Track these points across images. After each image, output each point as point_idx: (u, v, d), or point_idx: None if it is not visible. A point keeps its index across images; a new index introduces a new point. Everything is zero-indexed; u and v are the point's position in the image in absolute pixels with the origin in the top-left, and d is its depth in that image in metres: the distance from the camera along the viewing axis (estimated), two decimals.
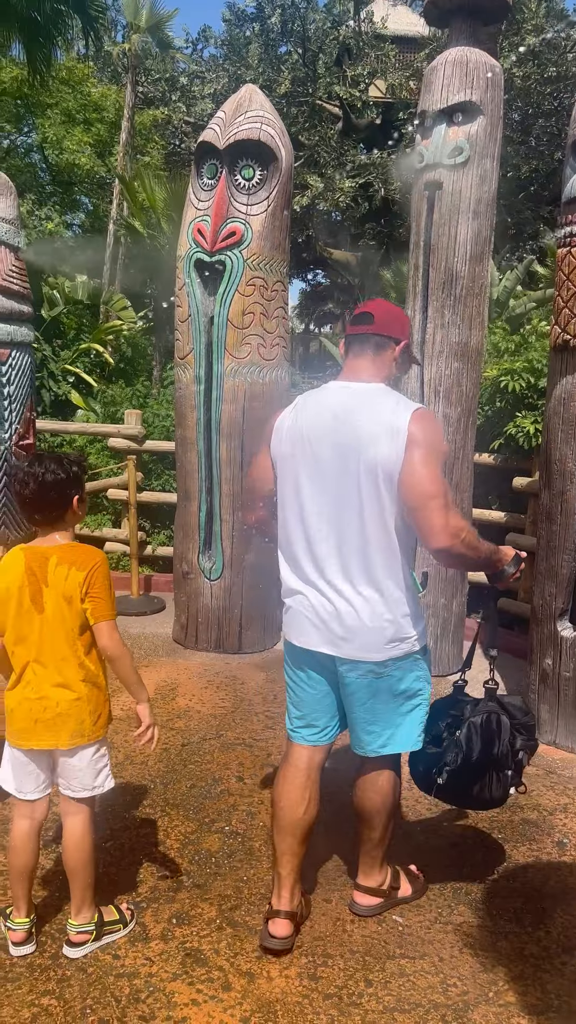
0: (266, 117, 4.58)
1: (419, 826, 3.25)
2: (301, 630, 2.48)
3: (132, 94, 14.78)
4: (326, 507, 2.36)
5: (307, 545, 2.41)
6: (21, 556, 2.36)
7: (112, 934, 2.53)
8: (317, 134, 15.39)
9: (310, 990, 2.36)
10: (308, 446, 2.38)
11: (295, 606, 2.48)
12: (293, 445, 2.41)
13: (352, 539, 2.35)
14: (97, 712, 2.43)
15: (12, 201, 4.52)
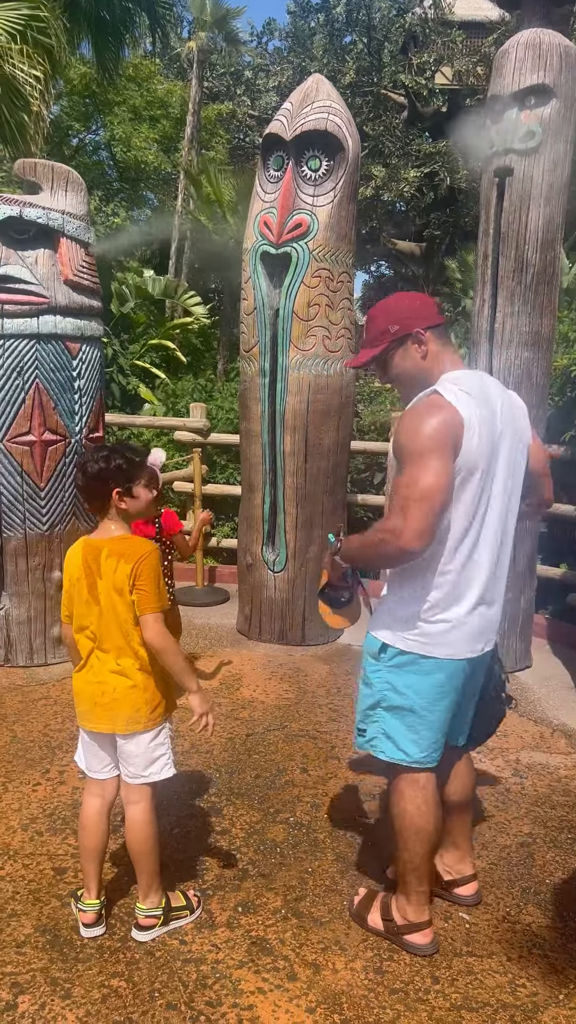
0: (333, 107, 4.55)
1: (486, 824, 3.21)
2: (475, 640, 2.32)
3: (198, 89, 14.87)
4: (502, 510, 2.29)
5: (492, 556, 2.28)
6: (79, 549, 2.43)
7: (179, 920, 2.55)
8: (382, 124, 15.25)
9: (376, 984, 2.35)
10: (499, 443, 2.23)
11: (471, 621, 2.28)
12: (491, 444, 2.20)
13: (509, 535, 2.35)
14: (154, 701, 2.44)
15: (82, 197, 4.60)
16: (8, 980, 2.31)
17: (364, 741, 2.46)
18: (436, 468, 2.08)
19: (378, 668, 2.38)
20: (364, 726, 2.45)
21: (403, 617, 2.32)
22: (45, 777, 3.43)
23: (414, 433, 2.13)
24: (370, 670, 2.41)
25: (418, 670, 2.33)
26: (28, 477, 4.38)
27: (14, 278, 4.24)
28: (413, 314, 2.27)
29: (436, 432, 2.10)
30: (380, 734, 2.41)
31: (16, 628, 4.55)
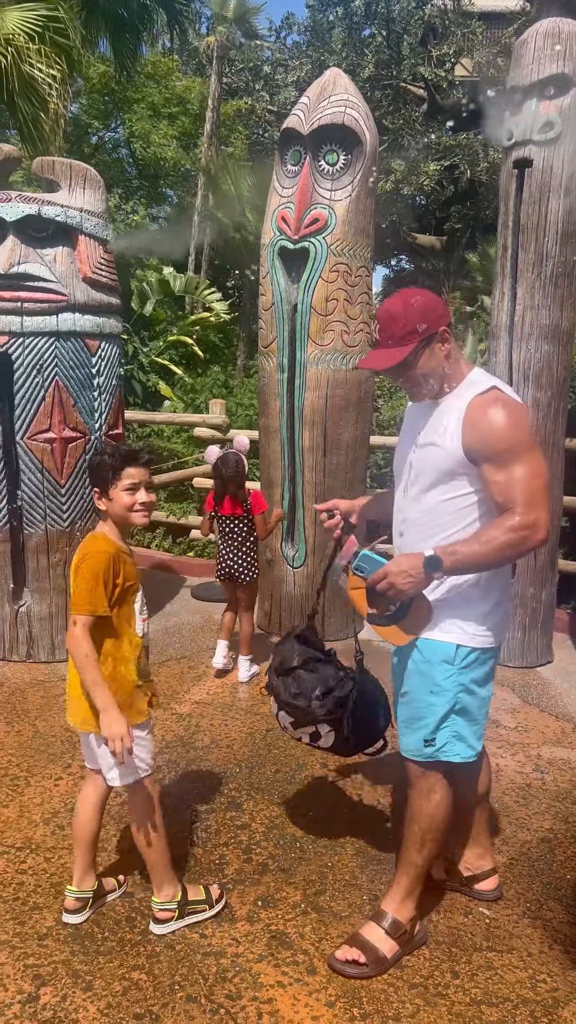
0: (350, 100, 4.53)
1: (506, 819, 3.19)
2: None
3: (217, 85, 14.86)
4: None
5: None
6: None
7: (196, 914, 2.55)
8: (401, 117, 15.17)
9: (395, 978, 2.35)
10: None
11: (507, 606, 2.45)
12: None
13: None
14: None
15: (100, 195, 4.61)
16: (30, 972, 2.34)
17: (434, 751, 2.37)
18: (543, 459, 2.22)
19: (451, 673, 2.33)
20: (434, 735, 2.36)
21: (473, 615, 2.31)
22: (67, 772, 3.46)
23: (518, 427, 2.19)
24: (442, 677, 2.33)
25: (483, 663, 2.36)
26: (49, 474, 4.41)
27: (33, 276, 4.26)
28: (438, 312, 2.25)
29: (530, 425, 2.23)
30: (452, 738, 2.37)
31: (37, 624, 4.59)
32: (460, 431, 2.22)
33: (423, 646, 2.34)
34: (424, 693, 2.36)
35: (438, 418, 2.31)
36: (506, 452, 2.16)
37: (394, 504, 2.49)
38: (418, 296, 2.27)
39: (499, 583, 2.35)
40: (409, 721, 2.41)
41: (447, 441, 2.25)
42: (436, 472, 2.28)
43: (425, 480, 2.31)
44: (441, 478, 2.28)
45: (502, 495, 2.16)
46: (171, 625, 5.35)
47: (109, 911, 2.60)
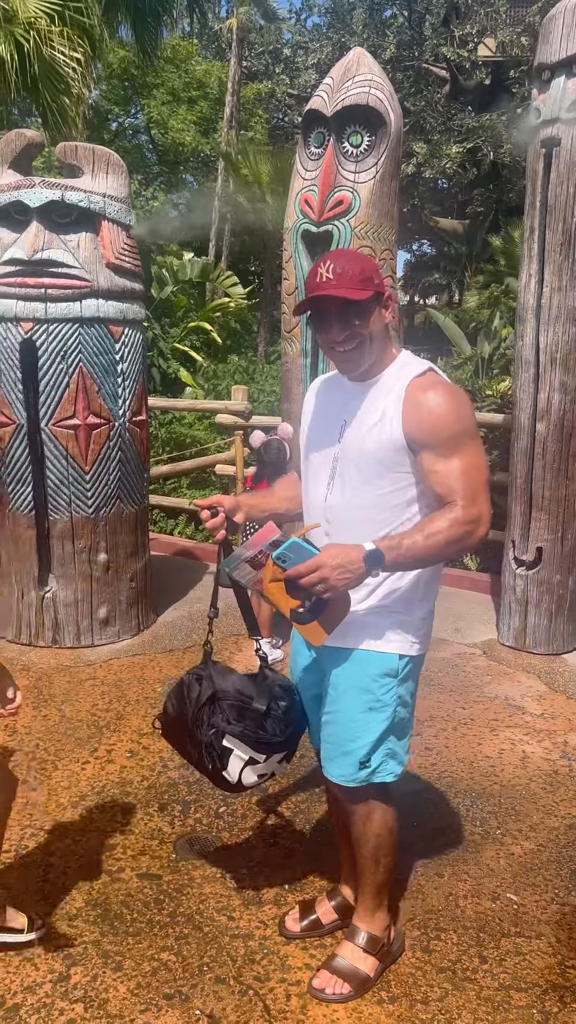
0: (375, 80, 4.47)
1: (534, 806, 3.18)
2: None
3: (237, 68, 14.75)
4: None
5: None
6: None
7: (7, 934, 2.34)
8: (423, 99, 15.01)
9: (423, 963, 2.35)
10: None
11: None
12: None
13: None
14: None
15: (123, 180, 4.60)
16: (61, 952, 2.36)
17: (369, 773, 2.15)
18: (483, 450, 2.04)
19: (391, 685, 2.13)
20: (369, 756, 2.15)
21: (412, 621, 2.12)
22: (93, 756, 3.49)
23: (462, 413, 1.99)
24: (383, 691, 2.12)
25: (416, 670, 2.19)
26: (73, 461, 4.43)
27: (57, 262, 4.26)
28: (382, 276, 2.06)
29: (472, 413, 2.03)
30: (386, 756, 2.17)
31: (63, 610, 4.62)
32: (400, 416, 1.99)
33: (361, 658, 2.10)
34: (361, 711, 2.12)
35: (370, 402, 2.06)
36: (449, 440, 1.95)
37: (306, 500, 2.23)
38: (365, 256, 2.08)
39: (435, 585, 2.19)
40: (340, 743, 2.16)
41: (386, 428, 2.00)
42: (376, 463, 2.03)
43: (362, 472, 2.05)
44: (380, 470, 2.03)
45: (443, 486, 1.95)
46: (194, 611, 5.37)
47: (137, 893, 2.62)
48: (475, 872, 2.77)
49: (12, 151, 4.52)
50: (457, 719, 3.88)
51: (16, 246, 4.26)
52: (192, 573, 6.16)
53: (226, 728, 2.18)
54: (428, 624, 2.19)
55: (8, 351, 4.32)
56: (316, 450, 2.18)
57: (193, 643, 4.80)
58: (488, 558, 6.22)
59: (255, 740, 2.17)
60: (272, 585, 1.94)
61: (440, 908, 2.58)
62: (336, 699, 2.16)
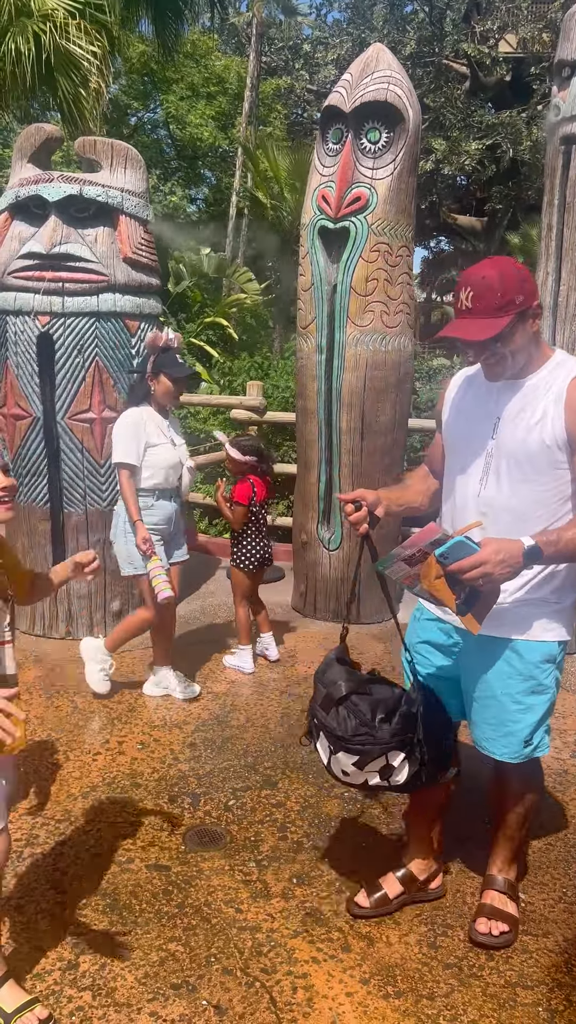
0: (394, 77, 4.47)
1: (543, 805, 3.16)
2: None
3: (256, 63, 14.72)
4: None
5: None
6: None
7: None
8: (443, 95, 14.92)
9: (430, 958, 2.36)
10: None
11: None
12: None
13: None
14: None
15: (141, 175, 4.61)
16: (70, 940, 2.38)
17: (532, 749, 2.33)
18: None
19: (551, 670, 2.29)
20: (532, 735, 2.31)
21: (564, 609, 2.26)
22: (105, 747, 3.51)
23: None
24: (545, 676, 2.27)
25: (565, 654, 2.36)
26: (88, 454, 4.45)
27: (75, 256, 4.28)
28: (532, 286, 2.09)
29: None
30: (544, 734, 2.36)
31: (77, 602, 4.65)
32: (563, 415, 2.07)
33: (523, 648, 2.23)
34: (524, 695, 2.26)
35: (528, 400, 2.14)
36: None
37: (454, 493, 2.31)
38: (514, 266, 2.09)
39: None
40: (503, 724, 2.30)
41: (548, 426, 2.09)
42: (537, 461, 2.11)
43: (522, 469, 2.14)
44: (542, 467, 2.12)
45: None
46: (207, 605, 5.39)
47: (146, 884, 2.64)
48: (483, 870, 2.76)
49: (32, 145, 4.54)
50: None
51: (34, 240, 4.28)
52: (206, 567, 6.18)
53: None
54: (574, 609, 2.32)
55: (25, 344, 4.35)
56: (466, 445, 2.26)
57: (206, 637, 4.82)
58: None
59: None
60: (438, 581, 2.02)
61: (447, 905, 2.59)
62: (497, 684, 2.28)
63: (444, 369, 8.25)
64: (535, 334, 2.13)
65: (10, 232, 4.41)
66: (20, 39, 7.41)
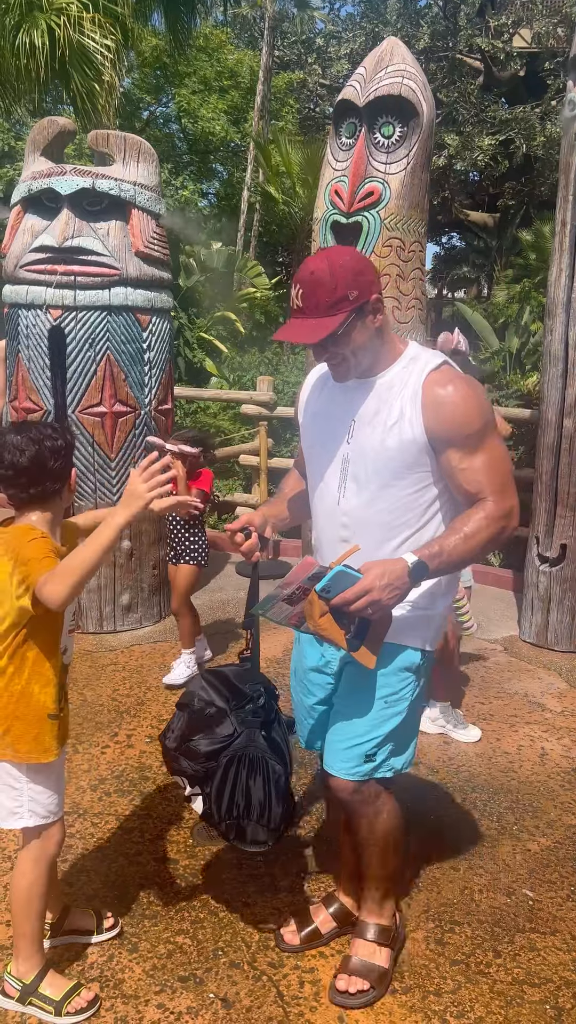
0: (408, 71, 4.44)
1: (551, 803, 3.17)
2: None
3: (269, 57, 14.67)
4: None
5: None
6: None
7: (39, 1010, 2.09)
8: (456, 90, 14.85)
9: (437, 954, 2.35)
10: None
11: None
12: None
13: None
14: (2, 726, 2.00)
15: (154, 168, 4.61)
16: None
17: (373, 767, 2.09)
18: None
19: (410, 680, 2.09)
20: (375, 750, 2.08)
21: (433, 617, 2.09)
22: (113, 740, 3.52)
23: (484, 407, 1.95)
24: (402, 685, 2.08)
25: (430, 665, 2.19)
26: (99, 448, 4.46)
27: (87, 250, 4.28)
28: (369, 278, 1.90)
29: (489, 404, 2.02)
30: (391, 753, 2.11)
31: (86, 596, 4.66)
32: (420, 415, 1.92)
33: (384, 652, 1.97)
34: (378, 706, 2.06)
35: (383, 400, 1.97)
36: (475, 436, 1.91)
37: (316, 504, 2.14)
38: (346, 256, 1.90)
39: (456, 579, 2.17)
40: (349, 737, 2.08)
41: (406, 427, 1.93)
42: (396, 464, 1.95)
43: (380, 475, 1.97)
44: (401, 471, 1.96)
45: (472, 483, 1.92)
46: (216, 600, 5.39)
47: (154, 876, 2.64)
48: (491, 867, 2.76)
49: (45, 138, 4.54)
50: (476, 714, 3.87)
51: (47, 233, 4.29)
52: (215, 563, 6.18)
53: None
54: (444, 618, 2.17)
55: (37, 338, 4.35)
56: (322, 451, 2.09)
57: (216, 631, 4.82)
58: (511, 554, 6.18)
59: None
60: (323, 619, 1.84)
61: (455, 901, 2.59)
62: (352, 693, 2.10)
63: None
64: (380, 329, 1.95)
65: (23, 225, 4.42)
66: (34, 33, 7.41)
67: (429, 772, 3.35)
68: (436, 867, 2.76)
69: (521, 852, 2.85)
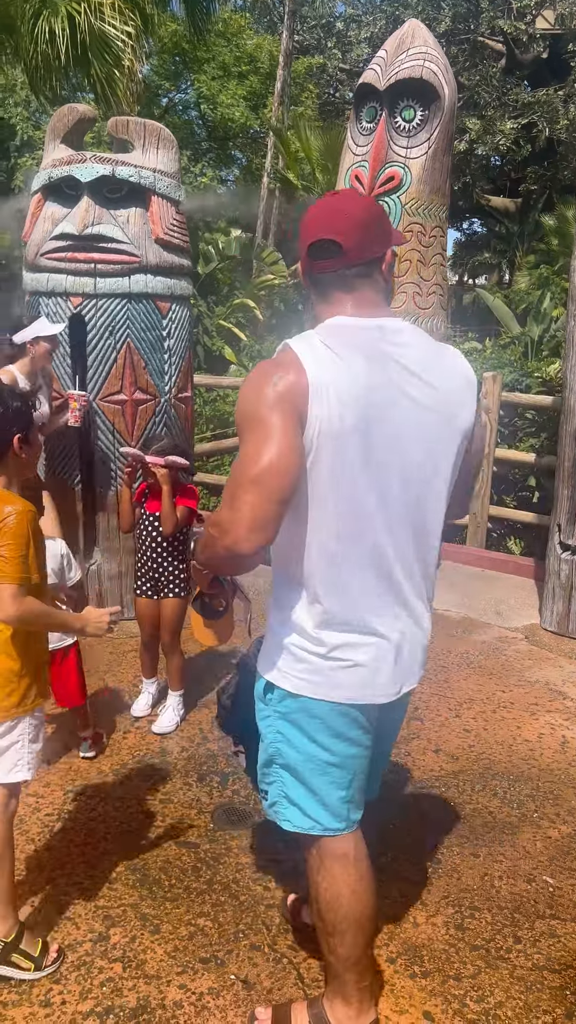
0: (429, 53, 4.40)
1: (573, 791, 3.16)
2: (371, 682, 1.76)
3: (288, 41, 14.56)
4: (405, 504, 1.71)
5: (384, 561, 1.71)
6: None
7: (14, 968, 2.15)
8: (478, 73, 14.69)
9: (456, 940, 2.36)
10: (376, 413, 1.64)
11: (366, 655, 1.74)
12: (355, 414, 1.62)
13: (424, 540, 1.77)
14: (7, 687, 2.08)
15: (173, 155, 4.59)
16: (101, 913, 2.42)
17: (267, 806, 1.94)
18: (272, 443, 1.57)
19: (267, 714, 1.85)
20: (264, 787, 1.94)
21: (287, 645, 1.78)
22: (134, 726, 3.55)
23: (247, 400, 1.64)
24: (259, 717, 1.88)
25: (311, 715, 1.78)
26: (120, 436, 4.47)
27: (107, 237, 4.28)
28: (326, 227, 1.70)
29: (275, 398, 1.59)
30: (281, 798, 1.89)
31: (107, 582, 4.69)
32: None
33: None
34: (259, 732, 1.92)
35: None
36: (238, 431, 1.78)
37: None
38: (328, 204, 1.77)
39: (322, 610, 1.72)
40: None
41: None
42: None
43: None
44: None
45: None
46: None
47: (176, 860, 2.67)
48: (511, 853, 2.77)
49: (65, 126, 4.54)
50: (497, 702, 3.86)
51: (67, 221, 4.29)
52: None
53: None
54: (311, 660, 1.74)
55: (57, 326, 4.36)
56: None
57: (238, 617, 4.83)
58: (532, 542, 6.15)
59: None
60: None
61: (475, 887, 2.59)
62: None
63: (475, 352, 8.16)
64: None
65: (43, 213, 4.42)
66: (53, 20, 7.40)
67: (449, 760, 3.35)
68: (456, 853, 2.76)
69: (542, 839, 2.85)
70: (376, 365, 1.65)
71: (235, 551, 1.58)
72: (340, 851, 1.87)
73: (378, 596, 1.73)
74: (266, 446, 1.56)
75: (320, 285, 1.76)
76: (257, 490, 1.55)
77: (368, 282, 1.73)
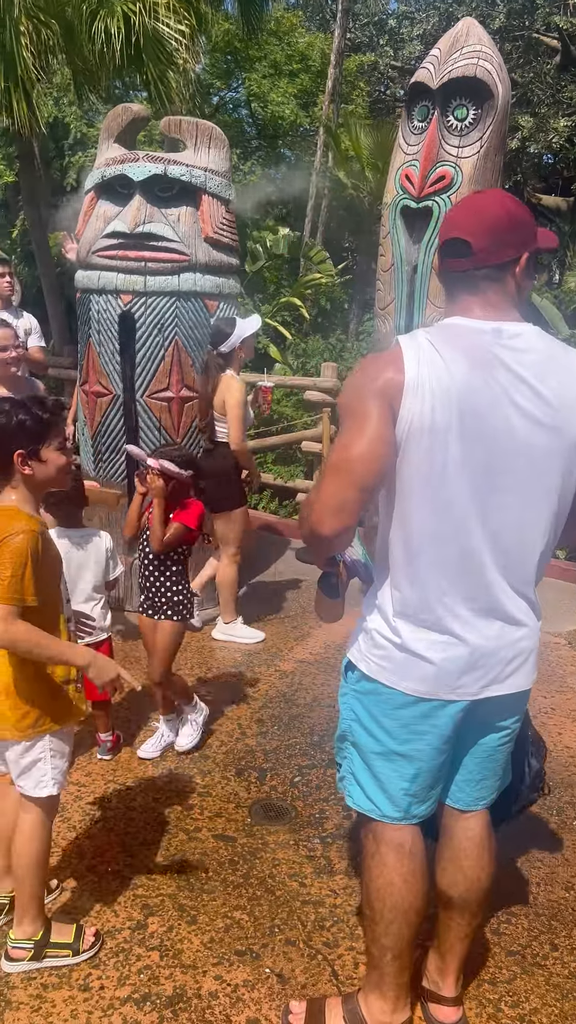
0: (483, 51, 4.36)
1: None
2: (443, 680, 1.77)
3: (341, 38, 14.52)
4: (500, 510, 1.71)
5: (470, 564, 1.72)
6: None
7: (55, 958, 2.22)
8: (532, 70, 14.48)
9: (493, 944, 2.35)
10: (472, 416, 1.64)
11: (438, 654, 1.75)
12: (447, 412, 1.63)
13: (520, 551, 1.80)
14: (20, 708, 2.06)
15: (224, 154, 4.62)
16: (139, 902, 2.46)
17: (339, 779, 2.01)
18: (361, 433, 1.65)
19: (345, 691, 1.94)
20: (339, 760, 2.00)
21: (370, 630, 1.84)
22: None
23: (348, 391, 1.73)
24: (340, 693, 1.97)
25: (384, 702, 1.82)
26: (166, 433, 4.52)
27: (157, 236, 4.33)
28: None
29: (371, 391, 1.66)
30: (349, 774, 1.95)
31: (133, 579, 4.73)
32: None
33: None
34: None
35: None
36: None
37: None
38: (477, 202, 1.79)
39: (402, 602, 1.77)
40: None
41: None
42: None
43: None
44: None
45: None
46: (277, 584, 5.44)
47: (213, 853, 2.70)
48: (550, 860, 2.74)
49: (118, 125, 4.60)
50: (538, 708, 3.82)
51: (119, 219, 4.35)
52: (276, 548, 6.23)
53: None
54: (387, 648, 1.79)
55: (108, 323, 4.43)
56: None
57: (274, 616, 4.86)
58: None
59: None
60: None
61: (512, 893, 2.58)
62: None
63: None
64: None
65: (96, 211, 4.49)
66: (109, 20, 7.49)
67: None
68: None
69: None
70: (480, 368, 1.64)
71: (316, 531, 1.67)
72: (396, 840, 1.89)
73: (459, 598, 1.74)
74: (356, 435, 1.64)
75: (449, 284, 1.79)
76: (340, 476, 1.65)
77: (496, 286, 1.72)
